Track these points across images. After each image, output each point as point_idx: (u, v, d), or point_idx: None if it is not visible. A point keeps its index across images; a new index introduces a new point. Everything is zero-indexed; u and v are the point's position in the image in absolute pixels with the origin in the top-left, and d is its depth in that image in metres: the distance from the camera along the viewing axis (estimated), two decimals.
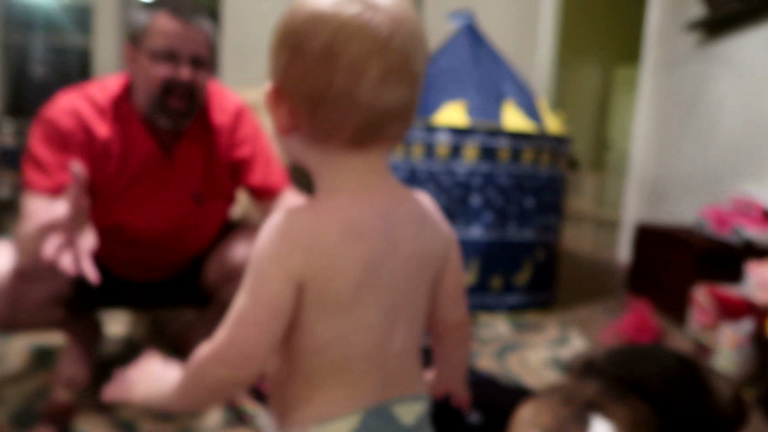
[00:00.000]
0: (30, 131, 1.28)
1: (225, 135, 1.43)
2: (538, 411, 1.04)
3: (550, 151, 2.45)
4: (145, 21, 1.25)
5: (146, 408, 0.74)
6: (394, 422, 0.55)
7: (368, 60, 0.49)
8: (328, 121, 0.52)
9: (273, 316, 0.51)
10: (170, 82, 1.26)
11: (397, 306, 0.55)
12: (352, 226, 0.52)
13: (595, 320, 2.50)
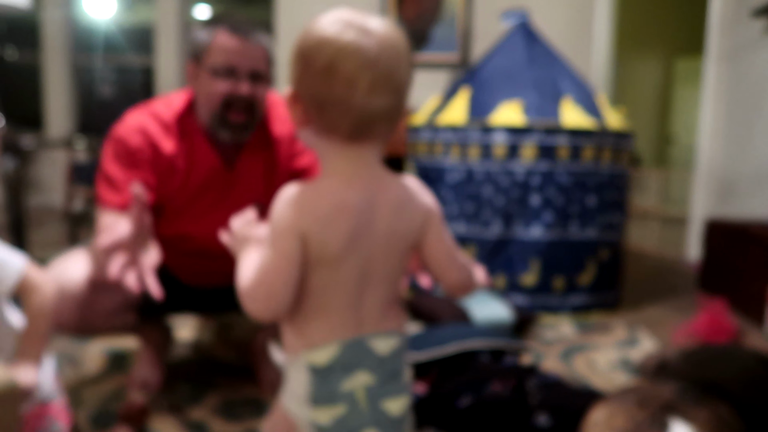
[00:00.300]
0: (100, 147, 1.35)
1: (285, 145, 1.45)
2: (612, 414, 1.00)
3: (612, 147, 2.37)
4: (206, 39, 1.29)
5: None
6: (369, 351, 0.70)
7: (359, 74, 0.65)
8: (329, 119, 0.68)
9: (289, 263, 0.67)
10: (230, 97, 1.30)
11: (371, 268, 0.70)
12: (340, 204, 0.68)
13: (664, 321, 2.40)
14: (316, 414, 0.69)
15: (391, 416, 0.71)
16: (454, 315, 2.04)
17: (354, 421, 0.69)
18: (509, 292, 2.36)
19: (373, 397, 0.70)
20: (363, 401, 0.69)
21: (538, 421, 1.23)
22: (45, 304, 0.95)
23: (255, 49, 1.31)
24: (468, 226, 2.41)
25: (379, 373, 0.70)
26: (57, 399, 1.02)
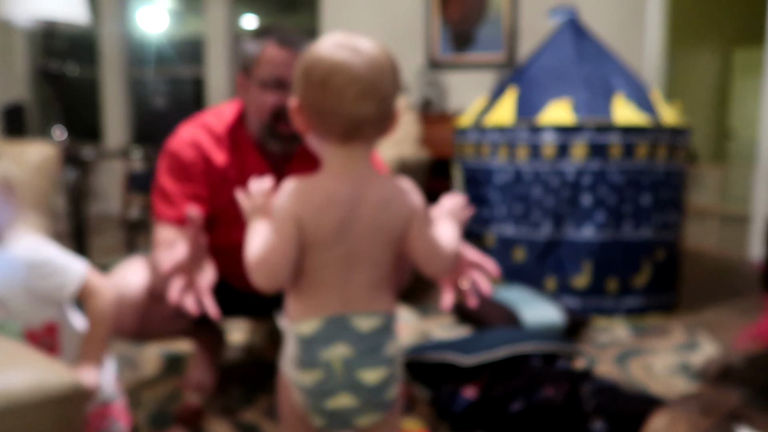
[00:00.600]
0: (154, 157, 1.39)
1: None
2: (673, 421, 0.96)
3: (667, 144, 2.29)
4: (255, 51, 1.31)
5: None
6: (351, 328, 0.81)
7: (347, 87, 0.77)
8: (324, 124, 0.80)
9: (288, 244, 0.79)
10: (279, 109, 1.31)
11: (356, 254, 0.82)
12: (331, 197, 0.80)
13: (726, 323, 2.29)
14: (301, 376, 0.82)
15: (367, 384, 0.82)
16: (504, 318, 2.01)
17: (330, 385, 0.81)
18: (560, 294, 2.30)
19: (349, 366, 0.81)
20: (339, 369, 0.81)
21: (593, 427, 1.20)
22: (105, 307, 0.99)
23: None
24: (517, 227, 2.37)
25: (359, 346, 0.81)
26: (118, 400, 1.05)
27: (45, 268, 0.95)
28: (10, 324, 0.94)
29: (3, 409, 0.71)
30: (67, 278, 0.96)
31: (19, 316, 0.94)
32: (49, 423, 0.75)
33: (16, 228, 0.96)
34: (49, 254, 0.97)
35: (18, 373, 0.75)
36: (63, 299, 0.98)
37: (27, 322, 0.95)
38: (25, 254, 0.94)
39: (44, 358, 0.83)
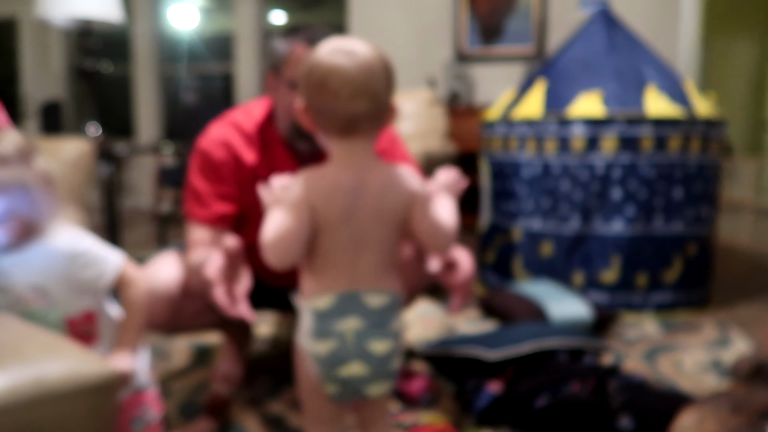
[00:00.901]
0: (185, 152, 1.42)
1: None
2: (703, 419, 0.94)
3: (701, 136, 2.24)
4: (283, 51, 1.31)
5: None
6: (362, 304, 0.89)
7: (341, 88, 0.86)
8: (325, 122, 0.89)
9: (301, 226, 0.87)
10: None
11: (363, 236, 0.90)
12: (336, 184, 0.89)
13: (760, 320, 2.24)
14: (316, 346, 0.89)
15: (375, 354, 0.90)
16: (530, 313, 1.99)
17: (342, 354, 0.88)
18: (588, 289, 2.27)
19: (360, 337, 0.89)
20: (351, 340, 0.89)
21: (620, 423, 1.19)
22: (140, 297, 1.02)
23: None
24: (544, 221, 2.34)
25: (368, 320, 0.89)
26: (151, 388, 1.08)
27: (84, 258, 0.98)
28: (52, 312, 0.97)
29: (38, 398, 0.73)
30: (105, 268, 1.00)
31: (59, 306, 0.97)
32: (82, 412, 0.78)
33: (56, 221, 0.99)
34: (88, 245, 1.00)
35: (52, 363, 0.78)
36: (100, 289, 1.00)
37: (67, 311, 0.98)
38: (65, 245, 0.97)
39: (78, 349, 0.86)
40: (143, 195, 5.45)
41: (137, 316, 1.02)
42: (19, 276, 0.94)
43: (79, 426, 0.78)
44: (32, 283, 0.95)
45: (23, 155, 0.92)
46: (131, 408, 1.03)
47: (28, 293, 0.95)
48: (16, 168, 0.90)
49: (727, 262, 3.33)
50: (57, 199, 0.99)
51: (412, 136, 2.74)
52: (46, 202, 0.96)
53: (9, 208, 0.90)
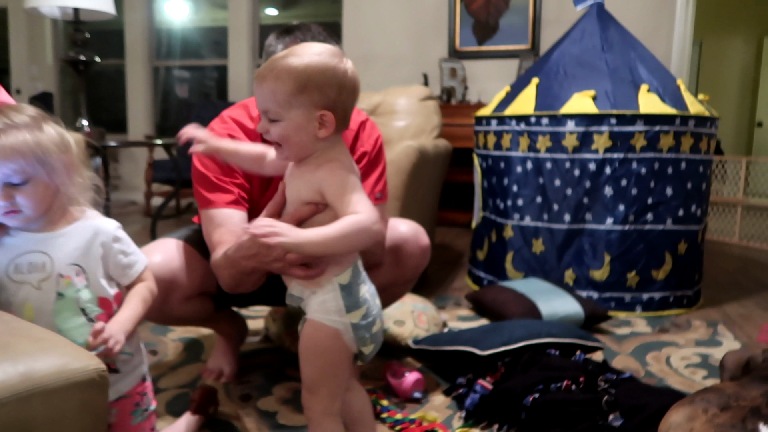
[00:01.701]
0: (177, 147, 1.41)
1: (348, 144, 1.46)
2: (692, 416, 0.95)
3: (693, 134, 2.25)
4: (277, 51, 1.29)
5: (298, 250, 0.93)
6: (360, 269, 1.03)
7: (359, 85, 1.01)
8: (344, 121, 1.01)
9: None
10: None
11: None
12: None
13: (749, 318, 2.26)
14: (350, 317, 0.98)
15: (380, 308, 1.05)
16: (522, 310, 2.00)
17: (371, 315, 1.00)
18: (580, 286, 2.29)
19: (372, 297, 1.02)
20: (371, 301, 1.01)
21: (610, 420, 1.19)
22: (150, 294, 1.02)
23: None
24: (537, 217, 2.35)
25: (369, 281, 1.04)
26: (149, 380, 1.07)
27: (122, 245, 0.99)
28: (85, 291, 0.95)
29: (28, 394, 0.73)
30: (137, 260, 1.01)
31: (93, 286, 0.96)
32: (73, 408, 0.77)
33: (86, 194, 0.99)
34: (125, 234, 1.01)
35: (42, 358, 0.77)
36: (126, 278, 1.00)
37: (99, 292, 0.97)
38: (106, 227, 0.98)
39: (70, 344, 0.85)
40: (135, 189, 5.41)
41: (140, 307, 1.00)
42: (59, 252, 0.94)
43: (70, 421, 0.77)
44: (71, 260, 0.94)
45: (37, 122, 0.92)
46: (135, 396, 1.03)
47: (67, 270, 0.94)
48: (31, 132, 0.90)
49: (717, 260, 3.35)
50: (79, 168, 0.98)
51: (405, 132, 2.74)
52: (67, 169, 0.95)
53: (27, 172, 0.89)
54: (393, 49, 4.78)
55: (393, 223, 1.47)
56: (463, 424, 1.35)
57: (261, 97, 0.99)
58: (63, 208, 0.97)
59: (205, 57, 5.95)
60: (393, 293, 1.54)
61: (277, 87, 0.96)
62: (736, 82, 7.09)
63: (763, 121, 6.97)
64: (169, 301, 1.36)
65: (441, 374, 1.63)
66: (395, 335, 1.79)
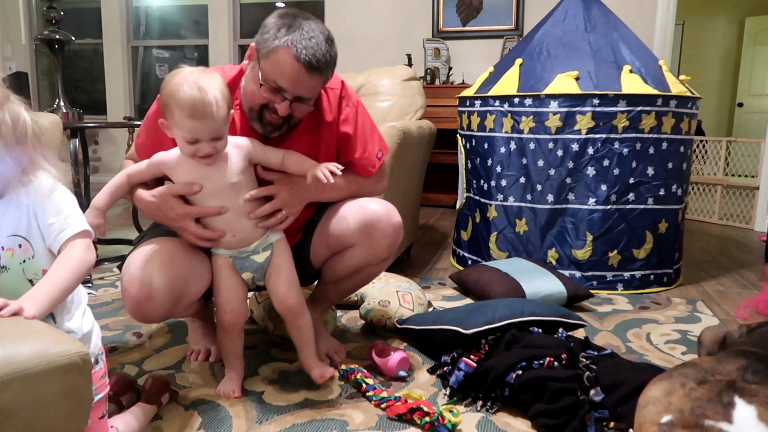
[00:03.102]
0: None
1: (334, 112, 1.46)
2: (670, 391, 0.97)
3: (674, 115, 2.27)
4: (271, 45, 1.26)
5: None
6: None
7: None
8: None
9: None
10: (269, 108, 1.32)
11: None
12: None
13: (727, 296, 2.31)
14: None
15: None
16: (506, 290, 2.02)
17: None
18: (562, 266, 2.31)
19: None
20: None
21: (591, 395, 1.21)
22: (78, 262, 0.93)
23: (312, 82, 1.29)
24: (520, 198, 2.36)
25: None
26: (99, 366, 1.02)
27: (55, 206, 0.95)
28: (31, 263, 0.94)
29: (9, 378, 0.72)
30: (69, 224, 0.95)
31: (39, 258, 0.94)
32: (55, 392, 0.77)
33: (37, 171, 0.96)
34: (65, 197, 0.97)
35: (23, 342, 0.76)
36: (56, 244, 0.94)
37: (44, 265, 0.95)
38: (42, 189, 0.95)
39: (51, 328, 0.84)
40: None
41: (63, 277, 0.90)
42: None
43: (53, 405, 0.77)
44: (11, 231, 0.92)
45: None
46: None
47: (7, 242, 0.92)
48: None
49: (697, 239, 3.41)
50: (36, 148, 0.95)
51: (389, 113, 2.72)
52: (17, 151, 0.92)
53: None
54: (376, 29, 4.73)
55: (363, 202, 1.46)
56: (448, 402, 1.37)
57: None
58: (6, 180, 0.93)
59: (184, 36, 5.84)
60: (368, 273, 1.55)
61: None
62: (718, 63, 7.14)
63: (744, 102, 7.04)
64: (176, 309, 1.33)
65: (426, 353, 1.65)
66: (380, 315, 1.80)
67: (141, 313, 1.26)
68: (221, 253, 1.36)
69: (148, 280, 1.23)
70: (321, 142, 1.46)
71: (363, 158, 1.50)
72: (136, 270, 1.24)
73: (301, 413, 1.31)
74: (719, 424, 0.86)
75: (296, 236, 1.53)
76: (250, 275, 1.37)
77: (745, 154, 4.05)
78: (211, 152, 1.22)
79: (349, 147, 1.49)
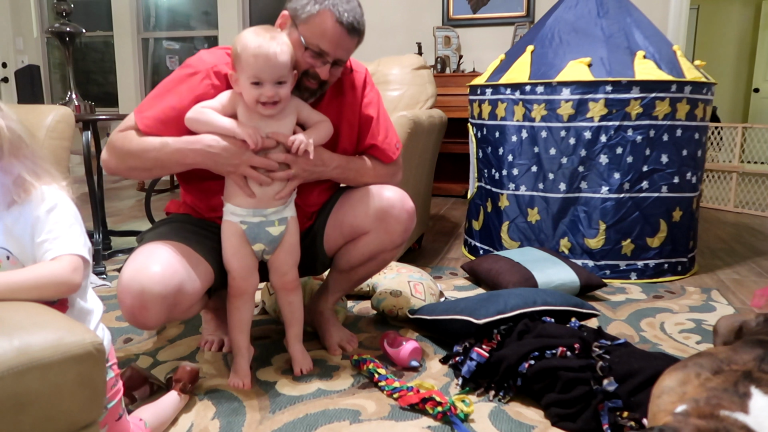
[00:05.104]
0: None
1: (358, 93, 1.50)
2: (684, 380, 0.96)
3: (689, 101, 2.23)
4: (311, 10, 1.29)
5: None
6: None
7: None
8: None
9: None
10: (309, 73, 1.34)
11: None
12: None
13: (743, 284, 2.28)
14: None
15: None
16: (518, 279, 2.01)
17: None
18: (575, 255, 2.30)
19: None
20: None
21: (604, 385, 1.21)
22: (47, 271, 0.90)
23: (351, 42, 1.34)
24: (532, 186, 2.34)
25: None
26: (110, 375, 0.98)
27: (53, 223, 0.94)
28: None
29: (24, 368, 0.73)
30: (58, 244, 0.92)
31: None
32: (70, 381, 0.77)
33: (36, 181, 0.95)
34: (65, 214, 0.95)
35: (38, 332, 0.77)
36: (42, 260, 0.92)
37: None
38: (39, 207, 0.94)
39: (65, 318, 0.85)
40: None
41: (21, 279, 0.88)
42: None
43: (68, 395, 0.78)
44: (2, 245, 0.92)
45: None
46: None
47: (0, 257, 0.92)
48: None
49: (712, 227, 3.37)
50: (20, 159, 0.95)
51: (399, 102, 2.71)
52: (11, 160, 0.92)
53: None
54: (386, 17, 4.70)
55: (377, 189, 1.48)
56: (460, 391, 1.37)
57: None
58: (8, 191, 0.92)
59: (194, 27, 5.84)
60: (383, 259, 1.56)
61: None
62: (733, 48, 7.02)
63: (760, 87, 6.92)
64: (174, 314, 1.30)
65: (438, 343, 1.65)
66: (392, 305, 1.80)
67: (137, 321, 1.25)
68: (234, 219, 1.35)
69: (140, 290, 1.21)
70: (343, 119, 1.49)
71: (385, 143, 1.53)
72: (129, 280, 1.22)
73: (314, 403, 1.32)
74: (735, 415, 0.85)
75: (306, 223, 1.54)
76: (261, 247, 1.37)
77: (761, 140, 3.99)
78: (272, 96, 1.25)
79: (373, 130, 1.52)
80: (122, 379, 1.25)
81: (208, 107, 1.31)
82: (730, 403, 0.87)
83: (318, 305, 1.65)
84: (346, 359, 1.54)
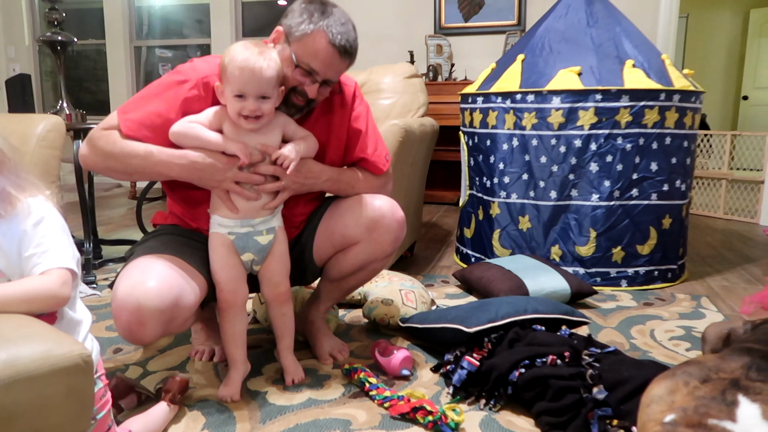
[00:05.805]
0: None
1: (347, 108, 1.51)
2: (673, 389, 0.97)
3: (677, 110, 2.25)
4: (305, 29, 1.30)
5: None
6: None
7: None
8: None
9: None
10: (297, 90, 1.35)
11: None
12: None
13: (732, 291, 2.29)
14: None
15: None
16: (509, 287, 2.01)
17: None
18: (566, 262, 2.31)
19: None
20: None
21: (594, 393, 1.21)
22: (36, 285, 0.90)
23: (342, 64, 1.35)
24: (523, 194, 2.36)
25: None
26: (98, 386, 0.98)
27: (41, 236, 0.94)
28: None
29: (12, 380, 0.72)
30: (46, 258, 0.92)
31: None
32: (58, 393, 0.77)
33: (21, 195, 0.96)
34: (52, 228, 0.95)
35: (26, 345, 0.77)
36: (30, 274, 0.92)
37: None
38: (26, 221, 0.94)
39: (53, 331, 0.85)
40: None
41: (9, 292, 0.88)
42: None
43: (56, 407, 0.77)
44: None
45: None
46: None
47: None
48: None
49: (702, 234, 3.40)
50: (12, 170, 0.95)
51: (391, 110, 2.72)
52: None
53: None
54: (378, 26, 4.72)
55: (367, 199, 1.48)
56: (451, 400, 1.37)
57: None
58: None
59: (187, 36, 5.84)
60: (374, 269, 1.56)
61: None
62: (723, 56, 7.09)
63: (749, 95, 7.00)
64: (170, 328, 1.28)
65: (429, 351, 1.65)
66: (383, 314, 1.80)
67: (134, 338, 1.22)
68: (222, 231, 1.35)
69: (137, 306, 1.19)
70: (332, 133, 1.49)
71: (375, 155, 1.54)
72: (125, 296, 1.20)
73: (305, 413, 1.31)
74: (723, 423, 0.86)
75: (294, 232, 1.54)
76: (250, 257, 1.37)
77: (750, 147, 4.03)
78: (255, 110, 1.25)
79: (362, 143, 1.52)
80: (109, 388, 1.24)
81: (195, 122, 1.31)
82: (718, 412, 0.88)
83: (309, 314, 1.65)
84: (337, 368, 1.54)
